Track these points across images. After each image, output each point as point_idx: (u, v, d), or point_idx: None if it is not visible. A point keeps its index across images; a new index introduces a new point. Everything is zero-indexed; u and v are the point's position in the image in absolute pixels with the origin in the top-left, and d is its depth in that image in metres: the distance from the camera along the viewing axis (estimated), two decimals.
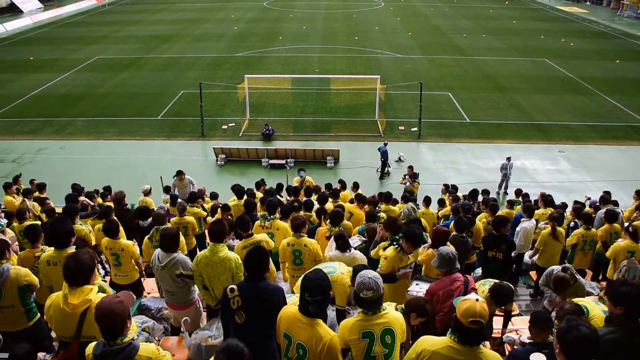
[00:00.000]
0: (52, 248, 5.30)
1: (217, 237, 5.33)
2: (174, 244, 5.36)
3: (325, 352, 3.55)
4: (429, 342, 3.48)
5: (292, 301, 4.16)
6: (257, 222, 7.35)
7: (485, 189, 12.28)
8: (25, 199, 10.19)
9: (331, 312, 5.10)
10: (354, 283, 4.21)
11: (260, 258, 4.16)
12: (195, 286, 5.54)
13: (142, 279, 7.14)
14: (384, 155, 17.30)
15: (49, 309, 3.95)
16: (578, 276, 5.88)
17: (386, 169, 17.75)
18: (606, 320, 3.92)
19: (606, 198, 10.80)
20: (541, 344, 4.05)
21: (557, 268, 6.06)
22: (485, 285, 5.22)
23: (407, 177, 14.79)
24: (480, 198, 11.51)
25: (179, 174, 13.03)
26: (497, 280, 5.24)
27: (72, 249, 5.08)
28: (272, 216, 7.34)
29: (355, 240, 6.83)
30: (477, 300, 3.29)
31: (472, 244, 7.72)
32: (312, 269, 4.18)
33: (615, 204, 10.20)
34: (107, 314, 3.19)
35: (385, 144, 17.52)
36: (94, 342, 3.36)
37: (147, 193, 11.39)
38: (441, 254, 5.03)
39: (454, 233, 7.14)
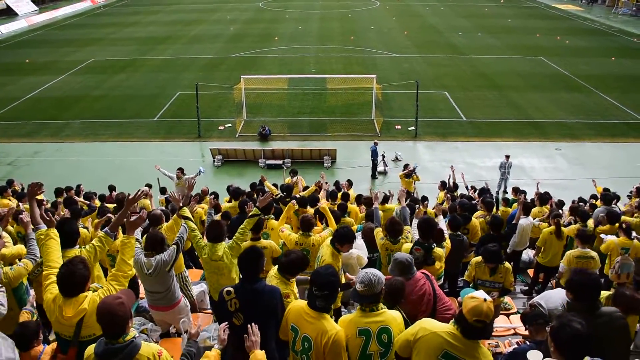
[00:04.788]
0: None
1: (214, 240, 5.48)
2: (159, 247, 5.36)
3: (329, 346, 3.56)
4: (429, 323, 3.51)
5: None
6: None
7: (483, 187, 12.29)
8: (19, 202, 10.10)
9: None
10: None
11: (255, 258, 4.17)
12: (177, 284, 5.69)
13: (138, 281, 7.08)
14: (374, 154, 17.30)
15: (47, 311, 3.94)
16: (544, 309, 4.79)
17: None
18: (567, 309, 4.15)
19: (608, 197, 10.02)
20: (542, 341, 4.02)
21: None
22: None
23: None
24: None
25: (180, 170, 13.71)
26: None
27: (76, 249, 5.05)
28: (266, 216, 7.34)
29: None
30: (484, 300, 3.25)
31: (469, 241, 7.72)
32: (324, 265, 4.20)
33: (616, 197, 10.13)
34: (108, 314, 3.19)
35: (376, 143, 17.50)
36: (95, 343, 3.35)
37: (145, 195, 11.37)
38: (398, 261, 4.66)
39: (450, 232, 7.13)
